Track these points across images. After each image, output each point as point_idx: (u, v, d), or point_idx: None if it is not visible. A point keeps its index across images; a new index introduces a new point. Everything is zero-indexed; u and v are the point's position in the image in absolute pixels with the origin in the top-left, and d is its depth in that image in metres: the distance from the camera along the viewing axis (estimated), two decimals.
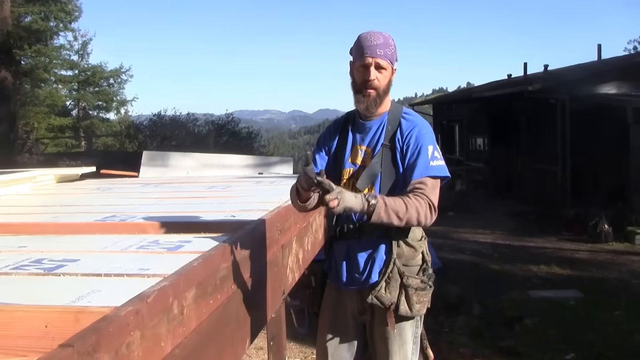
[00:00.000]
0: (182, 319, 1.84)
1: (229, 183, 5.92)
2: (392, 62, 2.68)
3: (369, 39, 2.66)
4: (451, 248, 11.43)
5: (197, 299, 1.96)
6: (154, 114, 28.14)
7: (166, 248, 2.46)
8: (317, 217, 4.56)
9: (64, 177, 6.49)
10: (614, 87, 16.31)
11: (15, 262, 2.21)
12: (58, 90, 31.80)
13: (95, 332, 1.37)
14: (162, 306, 1.70)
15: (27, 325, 1.56)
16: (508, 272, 9.71)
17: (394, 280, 2.64)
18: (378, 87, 2.66)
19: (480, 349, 5.77)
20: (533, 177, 17.34)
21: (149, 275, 1.95)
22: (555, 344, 6.16)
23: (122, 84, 34.56)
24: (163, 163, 8.53)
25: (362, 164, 2.75)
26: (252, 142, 28.04)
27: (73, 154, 23.65)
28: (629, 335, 6.32)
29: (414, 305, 2.66)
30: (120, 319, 1.47)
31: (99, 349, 1.37)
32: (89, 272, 2.02)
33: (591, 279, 9.05)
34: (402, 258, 2.67)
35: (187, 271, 1.93)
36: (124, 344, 1.48)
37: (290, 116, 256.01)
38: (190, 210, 3.68)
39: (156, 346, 1.66)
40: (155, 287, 1.70)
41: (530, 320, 6.87)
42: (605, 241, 11.84)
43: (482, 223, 14.23)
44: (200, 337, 2.00)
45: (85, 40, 33.76)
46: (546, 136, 16.58)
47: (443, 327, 6.65)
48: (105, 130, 33.90)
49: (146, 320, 1.60)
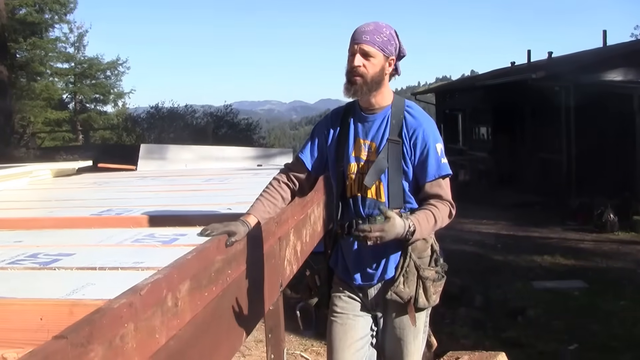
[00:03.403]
0: (177, 311, 1.84)
1: (226, 176, 5.91)
2: (383, 50, 2.61)
3: (360, 27, 2.65)
4: (453, 239, 11.40)
5: (191, 292, 1.96)
6: (151, 106, 28.21)
7: (161, 241, 2.47)
8: (316, 209, 4.55)
9: (60, 172, 6.51)
10: (619, 74, 16.20)
11: (11, 257, 2.23)
12: (54, 84, 31.45)
13: (89, 324, 1.38)
14: (155, 299, 1.70)
15: (23, 318, 1.59)
16: (511, 262, 9.73)
17: (412, 274, 2.65)
18: (364, 73, 2.60)
19: (481, 340, 5.78)
20: (537, 166, 17.28)
21: (143, 268, 1.96)
22: (559, 335, 6.18)
23: (119, 76, 34.13)
24: (161, 156, 8.51)
25: (367, 158, 2.71)
26: (252, 134, 28.02)
27: (70, 147, 23.66)
28: (633, 326, 6.33)
29: (431, 296, 2.68)
30: (114, 311, 1.48)
31: (93, 340, 1.37)
32: (83, 266, 2.03)
33: (596, 269, 9.06)
34: (416, 251, 2.67)
35: (180, 264, 1.93)
36: (117, 336, 1.49)
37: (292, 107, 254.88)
38: (186, 204, 3.68)
39: (150, 338, 1.67)
40: (149, 279, 1.71)
41: (533, 311, 6.89)
42: (611, 231, 11.84)
43: (485, 213, 14.21)
44: (195, 329, 2.00)
45: (81, 32, 33.25)
46: (550, 125, 16.51)
47: (444, 319, 6.64)
48: (103, 124, 33.51)
49: (140, 312, 1.60)
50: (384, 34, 2.63)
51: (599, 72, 16.28)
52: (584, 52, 22.19)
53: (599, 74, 16.23)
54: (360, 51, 2.60)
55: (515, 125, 19.16)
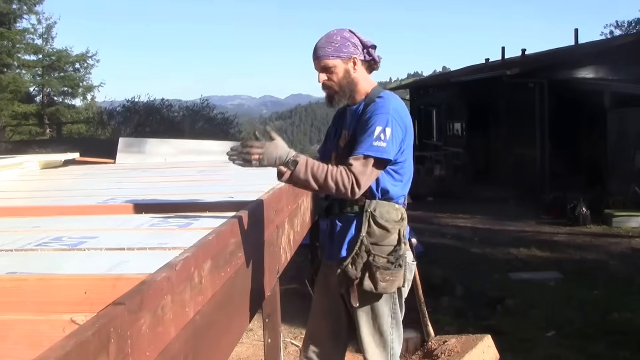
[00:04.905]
0: (201, 288, 1.96)
1: (217, 168, 6.01)
2: (339, 56, 2.80)
3: (315, 45, 2.85)
4: (432, 232, 11.62)
5: (212, 270, 2.08)
6: (127, 100, 27.97)
7: (177, 225, 2.57)
8: (305, 200, 4.66)
9: (48, 164, 6.56)
10: (591, 71, 16.54)
11: (36, 240, 2.28)
12: (22, 76, 30.40)
13: (139, 293, 1.50)
14: (186, 274, 1.82)
15: (67, 292, 1.65)
16: (489, 255, 9.93)
17: (360, 258, 2.77)
18: (332, 85, 2.84)
19: (464, 328, 5.95)
20: (512, 161, 17.57)
21: (169, 248, 2.06)
22: (536, 323, 6.36)
23: (89, 69, 32.91)
24: (140, 149, 8.48)
25: (343, 146, 2.94)
26: (228, 128, 28.07)
27: (42, 141, 23.27)
28: (606, 313, 6.54)
29: (378, 282, 2.78)
30: (157, 283, 1.59)
31: (143, 308, 1.49)
32: (112, 247, 2.11)
33: (570, 261, 9.30)
34: (373, 237, 2.79)
35: (203, 244, 2.04)
36: (159, 306, 1.60)
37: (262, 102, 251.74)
38: (189, 193, 3.79)
39: (182, 310, 1.79)
40: (180, 257, 1.84)
41: (511, 301, 7.07)
42: (584, 224, 12.10)
43: (461, 208, 14.44)
44: (214, 307, 2.11)
45: (49, 24, 31.78)
46: (525, 121, 16.81)
47: (427, 308, 6.82)
48: (72, 117, 32.63)
49: (175, 286, 1.72)
50: (334, 41, 2.81)
51: (572, 70, 16.60)
52: (557, 49, 22.57)
53: (572, 71, 16.55)
54: (319, 68, 2.83)
55: (489, 121, 19.45)
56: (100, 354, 1.31)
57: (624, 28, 37.77)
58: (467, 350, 4.93)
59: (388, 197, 2.85)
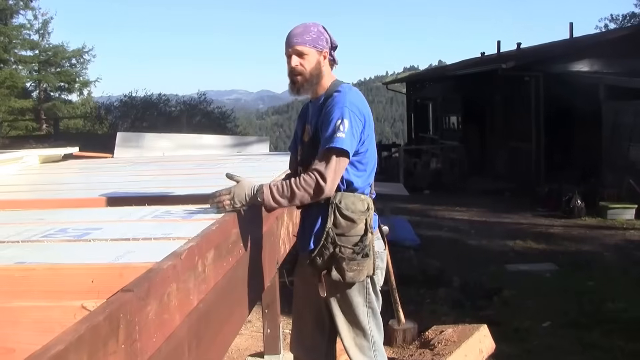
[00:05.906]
0: (204, 277, 2.02)
1: (216, 162, 6.03)
2: (315, 46, 2.90)
3: (291, 32, 2.94)
4: (429, 225, 11.66)
5: (215, 260, 2.14)
6: (125, 94, 27.97)
7: (180, 216, 2.61)
8: None
9: (47, 158, 6.58)
10: (586, 65, 16.60)
11: (41, 231, 2.31)
12: (18, 71, 30.22)
13: (147, 281, 1.55)
14: (190, 263, 1.88)
15: (75, 281, 1.70)
16: (485, 247, 9.99)
17: (327, 249, 2.84)
18: (302, 71, 2.91)
19: (461, 318, 6.01)
20: (508, 154, 17.65)
21: (173, 238, 2.10)
22: (532, 313, 6.42)
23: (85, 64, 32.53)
24: (138, 144, 8.43)
25: (306, 141, 3.04)
26: (226, 122, 28.11)
27: (40, 137, 23.21)
28: (601, 304, 6.60)
29: (345, 272, 2.83)
30: (163, 271, 1.65)
31: (150, 294, 1.55)
32: (117, 238, 2.15)
33: (565, 253, 9.37)
34: (339, 228, 2.86)
35: (207, 234, 2.10)
36: (165, 294, 1.66)
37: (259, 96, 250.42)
38: (189, 185, 3.82)
39: (187, 298, 1.84)
40: (185, 246, 1.89)
41: (508, 292, 7.13)
42: (579, 216, 12.17)
43: (458, 200, 14.51)
44: (216, 296, 2.17)
45: (45, 19, 31.55)
46: (520, 114, 16.87)
47: (425, 299, 6.89)
48: (68, 112, 32.60)
49: (180, 274, 1.78)
50: (312, 32, 2.92)
51: (567, 63, 16.64)
52: (552, 43, 22.61)
53: (567, 64, 16.59)
54: (295, 52, 2.90)
55: (485, 114, 19.51)
56: (110, 338, 1.37)
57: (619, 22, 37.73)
58: (464, 340, 4.99)
59: (353, 189, 2.92)
